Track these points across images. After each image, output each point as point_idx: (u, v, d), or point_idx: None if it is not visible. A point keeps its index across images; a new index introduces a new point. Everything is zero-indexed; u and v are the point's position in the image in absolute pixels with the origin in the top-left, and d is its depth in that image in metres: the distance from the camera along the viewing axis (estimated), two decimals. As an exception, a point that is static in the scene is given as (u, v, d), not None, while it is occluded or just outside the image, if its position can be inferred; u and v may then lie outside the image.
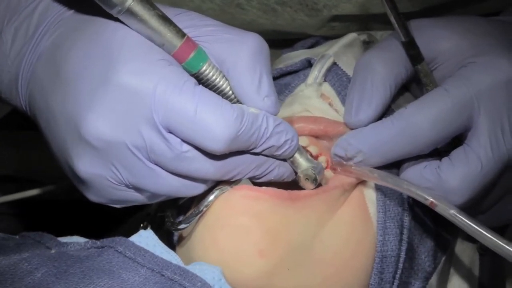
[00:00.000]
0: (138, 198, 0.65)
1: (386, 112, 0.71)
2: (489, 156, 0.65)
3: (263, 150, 0.64)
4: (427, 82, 0.71)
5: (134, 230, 0.65)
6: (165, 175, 0.62)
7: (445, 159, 0.67)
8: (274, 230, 0.64)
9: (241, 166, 0.64)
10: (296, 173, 0.68)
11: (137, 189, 0.64)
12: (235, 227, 0.64)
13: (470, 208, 0.67)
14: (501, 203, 0.71)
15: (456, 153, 0.67)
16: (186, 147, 0.61)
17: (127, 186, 0.64)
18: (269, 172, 0.66)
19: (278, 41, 0.90)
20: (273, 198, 0.65)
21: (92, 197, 0.66)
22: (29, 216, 1.05)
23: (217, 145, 0.60)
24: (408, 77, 0.72)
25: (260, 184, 0.67)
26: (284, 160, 0.67)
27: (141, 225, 0.73)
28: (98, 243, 0.63)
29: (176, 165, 0.62)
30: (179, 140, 0.61)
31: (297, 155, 0.67)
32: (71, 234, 0.67)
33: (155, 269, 0.59)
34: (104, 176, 0.63)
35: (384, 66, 0.70)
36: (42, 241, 0.64)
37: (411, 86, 0.75)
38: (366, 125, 0.69)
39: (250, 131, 0.61)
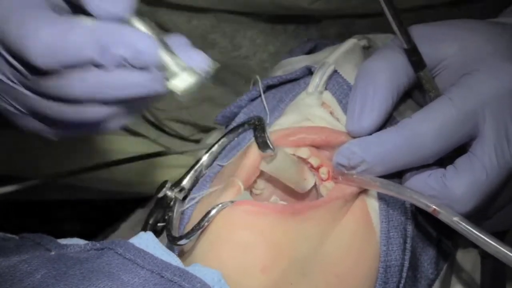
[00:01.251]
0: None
1: (388, 119, 0.71)
2: (494, 164, 0.65)
3: (110, 65, 0.56)
4: (429, 88, 0.70)
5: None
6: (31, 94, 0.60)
7: (450, 167, 0.67)
8: (277, 245, 0.63)
9: (89, 87, 0.57)
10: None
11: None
12: (237, 242, 0.63)
13: (474, 216, 0.67)
14: (505, 210, 0.71)
15: (461, 161, 0.67)
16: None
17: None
18: (131, 91, 0.57)
19: (275, 17, 0.87)
20: (275, 212, 0.64)
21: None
22: (27, 217, 1.05)
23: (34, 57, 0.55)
24: (410, 84, 0.72)
25: (262, 199, 0.66)
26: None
27: None
28: (98, 245, 0.62)
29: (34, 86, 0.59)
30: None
31: (165, 58, 0.56)
32: (71, 234, 0.66)
33: (154, 271, 0.59)
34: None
35: (386, 73, 0.70)
36: (41, 242, 0.64)
37: (413, 93, 0.75)
38: (368, 133, 0.69)
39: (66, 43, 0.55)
